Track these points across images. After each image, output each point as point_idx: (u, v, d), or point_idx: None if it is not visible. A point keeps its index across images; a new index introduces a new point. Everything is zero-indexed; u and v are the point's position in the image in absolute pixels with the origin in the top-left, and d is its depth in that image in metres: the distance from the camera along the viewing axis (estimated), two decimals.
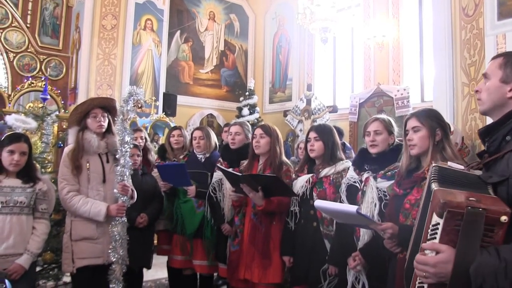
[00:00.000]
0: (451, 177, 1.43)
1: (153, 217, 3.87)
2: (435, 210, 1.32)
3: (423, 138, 2.20)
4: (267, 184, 3.06)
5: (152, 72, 8.53)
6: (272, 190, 3.09)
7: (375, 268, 2.50)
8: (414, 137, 2.22)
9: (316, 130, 3.14)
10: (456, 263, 1.25)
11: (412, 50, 7.72)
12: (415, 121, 2.24)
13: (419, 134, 2.21)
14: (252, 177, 3.15)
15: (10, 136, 2.99)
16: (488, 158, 1.49)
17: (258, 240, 3.25)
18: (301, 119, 8.72)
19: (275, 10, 10.28)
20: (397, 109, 7.25)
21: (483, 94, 1.59)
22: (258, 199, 3.11)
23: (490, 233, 1.24)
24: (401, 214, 2.16)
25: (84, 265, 3.02)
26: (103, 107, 3.22)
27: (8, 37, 8.27)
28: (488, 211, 1.23)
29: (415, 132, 2.22)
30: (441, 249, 1.29)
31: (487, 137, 1.54)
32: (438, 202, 1.29)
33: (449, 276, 1.26)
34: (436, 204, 1.30)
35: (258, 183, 3.08)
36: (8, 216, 2.82)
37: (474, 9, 4.19)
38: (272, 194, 3.12)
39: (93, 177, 3.12)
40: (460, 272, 1.24)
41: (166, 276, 4.45)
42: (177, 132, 4.38)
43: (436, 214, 1.32)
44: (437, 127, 2.20)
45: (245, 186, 3.11)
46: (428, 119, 2.22)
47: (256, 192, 3.09)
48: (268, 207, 3.13)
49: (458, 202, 1.26)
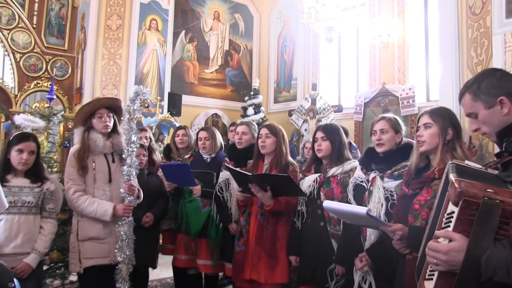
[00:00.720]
0: (470, 172, 1.42)
1: (159, 217, 3.88)
2: (451, 198, 1.31)
3: (433, 135, 2.18)
4: (277, 184, 3.05)
5: (157, 72, 8.54)
6: (281, 190, 3.08)
7: (383, 269, 2.49)
8: (424, 133, 2.21)
9: (323, 130, 3.13)
10: (468, 252, 1.24)
11: (417, 49, 7.69)
12: (427, 117, 2.23)
13: (430, 131, 2.19)
14: (262, 177, 3.14)
15: (18, 135, 3.00)
16: (508, 157, 1.48)
17: (265, 240, 3.24)
18: (306, 119, 8.71)
19: (280, 10, 10.27)
20: (403, 108, 7.22)
21: (485, 128, 1.60)
22: (266, 199, 3.10)
23: (505, 226, 1.23)
24: (410, 215, 2.14)
25: (91, 265, 3.03)
26: (108, 107, 3.23)
27: (14, 38, 8.31)
28: (505, 203, 1.22)
29: (426, 129, 2.21)
30: (454, 237, 1.28)
31: (506, 138, 1.54)
32: (454, 191, 1.29)
33: (460, 265, 1.25)
34: (453, 193, 1.30)
35: (268, 183, 3.07)
36: (17, 215, 2.84)
37: (481, 7, 4.16)
38: (280, 194, 3.11)
39: (99, 177, 3.13)
40: (471, 262, 1.23)
41: (171, 276, 4.46)
42: (182, 132, 4.39)
43: (452, 203, 1.32)
44: (449, 126, 2.18)
45: (254, 186, 3.10)
46: (440, 117, 2.20)
47: (265, 192, 3.08)
48: (276, 207, 3.12)
49: (474, 192, 1.25)
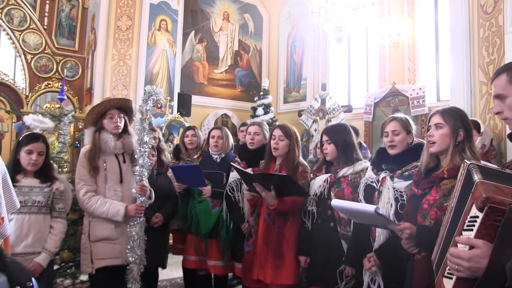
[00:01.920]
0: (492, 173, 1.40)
1: (168, 217, 3.88)
2: (476, 202, 1.29)
3: (444, 136, 2.15)
4: (279, 183, 3.05)
5: (167, 72, 8.57)
6: (284, 190, 3.07)
7: (392, 269, 2.47)
8: (435, 133, 2.17)
9: (326, 133, 3.14)
10: (492, 259, 1.22)
11: (427, 49, 7.64)
12: (439, 118, 2.19)
13: (441, 131, 2.16)
14: (264, 176, 3.14)
15: (28, 136, 3.02)
16: None
17: (271, 240, 3.23)
18: (316, 119, 8.69)
19: (289, 10, 10.25)
20: (413, 108, 7.18)
21: (509, 113, 1.57)
22: (270, 198, 3.10)
23: None
24: (419, 215, 2.12)
25: (103, 266, 3.05)
26: (119, 108, 3.23)
27: (26, 39, 8.38)
28: None
29: (437, 129, 2.17)
30: (477, 244, 1.27)
31: None
32: (480, 195, 1.27)
33: (483, 271, 1.24)
34: (478, 197, 1.28)
35: (270, 182, 3.06)
36: (27, 215, 2.86)
37: (493, 6, 4.12)
38: (284, 193, 3.09)
39: (110, 177, 3.14)
40: (495, 268, 1.22)
41: (181, 276, 4.47)
42: (191, 132, 4.39)
43: (476, 207, 1.30)
44: (460, 127, 2.14)
45: (257, 185, 3.10)
46: (452, 118, 2.16)
47: (269, 191, 3.08)
48: (281, 206, 3.11)
49: (501, 199, 1.23)
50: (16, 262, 1.52)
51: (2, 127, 7.81)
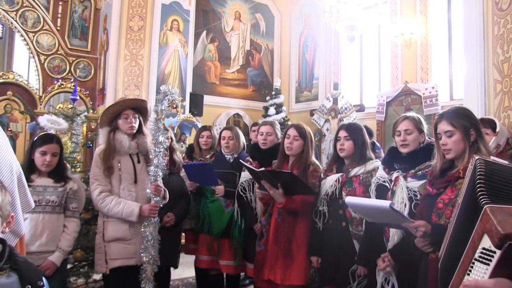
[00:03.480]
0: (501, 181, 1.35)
1: (180, 217, 3.88)
2: (490, 236, 1.25)
3: (458, 142, 2.10)
4: (285, 181, 3.04)
5: (178, 72, 8.59)
6: (292, 188, 3.06)
7: (405, 270, 2.45)
8: (448, 141, 2.12)
9: (346, 129, 3.10)
10: None
11: (440, 47, 7.57)
12: (446, 124, 2.13)
13: (453, 138, 2.10)
14: (270, 173, 3.13)
15: (42, 137, 3.05)
16: None
17: (280, 240, 3.22)
18: (328, 118, 8.67)
19: (301, 9, 10.22)
20: (425, 107, 7.12)
21: None
22: (278, 196, 3.09)
23: None
24: (434, 214, 2.09)
25: (117, 266, 3.06)
26: (134, 108, 3.24)
27: (39, 40, 8.46)
28: None
29: (448, 137, 2.12)
30: None
31: None
32: (493, 229, 1.22)
33: None
34: (490, 230, 1.23)
35: (277, 180, 3.05)
36: (41, 214, 2.89)
37: (508, 3, 4.06)
38: (292, 192, 3.08)
39: (125, 178, 3.15)
40: None
41: (193, 275, 4.48)
42: (207, 134, 4.34)
43: (491, 243, 1.25)
44: (470, 127, 2.10)
45: (265, 182, 3.09)
46: (459, 120, 2.11)
47: (276, 189, 3.07)
48: (289, 205, 3.10)
49: None
50: (27, 262, 1.54)
51: (16, 128, 7.90)
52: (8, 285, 1.43)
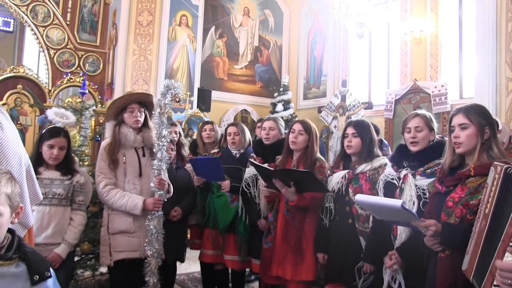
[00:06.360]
0: None
1: (187, 211, 3.89)
2: None
3: (471, 136, 2.06)
4: (300, 179, 3.03)
5: (187, 68, 8.60)
6: (305, 186, 3.05)
7: (413, 268, 2.44)
8: (461, 134, 2.08)
9: (354, 126, 3.07)
10: None
11: (451, 45, 7.51)
12: (462, 117, 2.10)
13: (467, 132, 2.07)
14: (285, 172, 3.12)
15: (50, 131, 3.05)
16: None
17: (290, 237, 3.22)
18: (336, 116, 8.63)
19: (310, 5, 10.17)
20: (434, 106, 7.08)
21: None
22: (290, 194, 3.08)
23: None
24: (443, 212, 2.06)
25: (121, 258, 3.08)
26: (140, 102, 3.25)
27: (49, 35, 8.53)
28: None
29: (462, 130, 2.08)
30: None
31: None
32: None
33: None
34: None
35: (291, 178, 3.04)
36: (48, 207, 2.90)
37: None
38: (304, 189, 3.07)
39: (130, 171, 3.16)
40: None
41: (199, 270, 4.48)
42: (209, 127, 4.40)
43: None
44: (486, 125, 2.06)
45: (277, 181, 3.08)
46: (476, 116, 2.07)
47: (289, 187, 3.06)
48: (301, 202, 3.10)
49: None
50: (35, 252, 1.57)
51: (26, 121, 7.96)
52: (17, 275, 1.45)
